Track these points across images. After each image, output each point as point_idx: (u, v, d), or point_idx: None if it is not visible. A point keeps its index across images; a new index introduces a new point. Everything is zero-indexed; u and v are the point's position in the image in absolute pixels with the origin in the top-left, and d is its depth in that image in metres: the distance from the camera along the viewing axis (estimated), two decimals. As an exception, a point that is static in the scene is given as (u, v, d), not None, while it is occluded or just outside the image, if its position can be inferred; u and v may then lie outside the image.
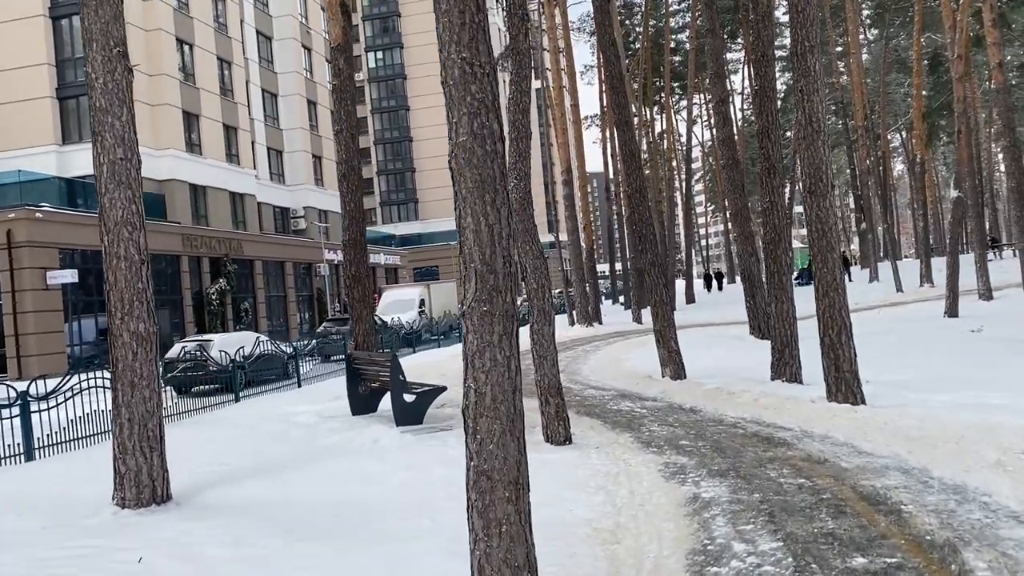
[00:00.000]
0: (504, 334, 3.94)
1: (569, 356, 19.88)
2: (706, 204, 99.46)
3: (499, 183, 3.93)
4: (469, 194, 3.92)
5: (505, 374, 3.94)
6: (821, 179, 10.28)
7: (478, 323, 3.91)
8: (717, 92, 22.92)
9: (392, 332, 29.97)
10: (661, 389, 12.40)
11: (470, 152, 3.91)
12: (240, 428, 11.18)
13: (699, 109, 70.78)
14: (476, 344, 3.92)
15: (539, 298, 8.65)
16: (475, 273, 3.91)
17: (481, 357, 3.91)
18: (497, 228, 3.93)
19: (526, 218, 8.56)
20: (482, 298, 3.89)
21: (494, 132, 3.93)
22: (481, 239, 3.91)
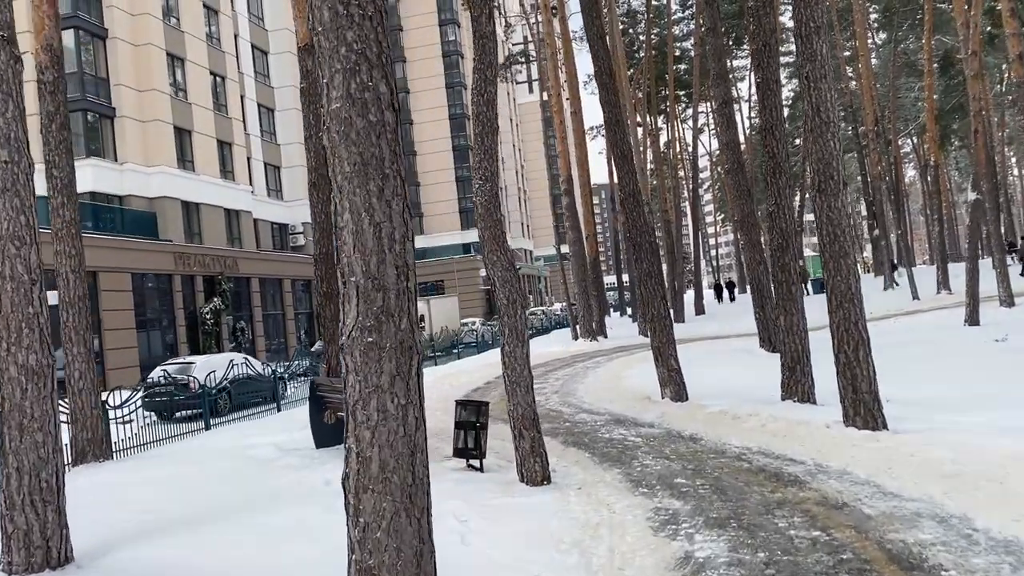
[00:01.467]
0: (398, 374, 2.85)
1: (567, 374, 18.74)
2: (715, 213, 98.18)
3: (390, 166, 2.85)
4: (346, 181, 2.84)
5: (399, 430, 2.85)
6: (832, 176, 9.14)
7: (361, 360, 2.83)
8: (720, 93, 21.80)
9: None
10: (659, 413, 11.23)
11: (346, 124, 2.84)
12: (190, 464, 10.10)
13: (705, 117, 69.84)
14: (359, 389, 2.83)
15: (510, 315, 7.53)
16: (356, 291, 2.83)
17: (365, 407, 2.82)
18: (387, 228, 2.85)
19: (493, 224, 7.46)
20: (366, 325, 2.81)
21: (381, 96, 2.85)
22: (364, 243, 2.82)
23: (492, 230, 7.44)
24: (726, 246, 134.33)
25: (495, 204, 7.45)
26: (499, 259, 7.47)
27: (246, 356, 19.53)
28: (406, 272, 2.91)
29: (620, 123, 12.36)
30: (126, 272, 31.64)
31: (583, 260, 31.52)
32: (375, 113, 2.86)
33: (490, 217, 7.43)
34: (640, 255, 12.26)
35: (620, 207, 12.36)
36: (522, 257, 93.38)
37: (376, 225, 2.85)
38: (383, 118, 2.88)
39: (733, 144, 21.77)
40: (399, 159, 2.93)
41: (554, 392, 15.17)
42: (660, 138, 55.01)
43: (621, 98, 31.53)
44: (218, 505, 7.73)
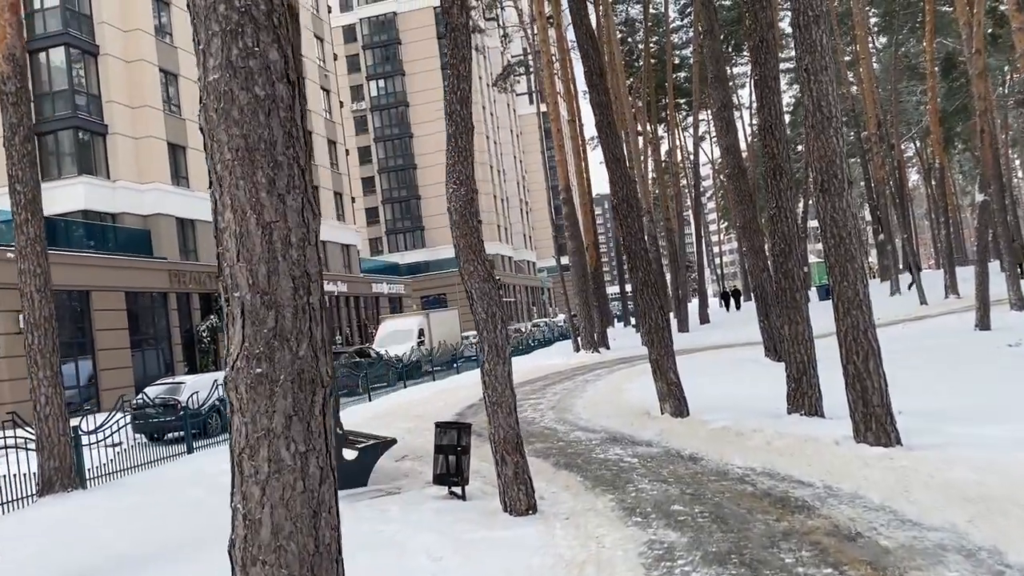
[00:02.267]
0: (295, 414, 2.26)
1: (566, 388, 18.11)
2: (719, 221, 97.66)
3: (284, 151, 2.28)
4: (227, 171, 2.27)
5: (297, 485, 2.27)
6: (835, 175, 8.54)
7: (248, 396, 2.24)
8: (719, 97, 21.25)
9: (383, 365, 28.29)
10: (658, 430, 10.60)
11: (226, 99, 2.27)
12: (161, 493, 9.51)
13: (706, 125, 69.37)
14: (246, 433, 2.25)
15: (489, 330, 6.94)
16: (241, 309, 2.23)
17: (254, 457, 2.24)
18: (279, 229, 2.27)
19: (469, 232, 6.88)
20: (254, 352, 2.23)
21: (271, 65, 2.29)
22: (249, 248, 2.24)
23: (468, 238, 6.86)
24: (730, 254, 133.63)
25: (471, 210, 6.88)
26: (476, 270, 6.88)
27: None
28: (306, 284, 2.33)
29: (612, 126, 11.79)
30: (120, 291, 31.13)
31: (583, 270, 30.91)
32: (263, 86, 2.30)
33: (465, 224, 6.85)
34: (636, 263, 11.66)
35: (613, 213, 11.77)
36: (525, 269, 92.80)
37: (265, 226, 2.28)
38: (274, 92, 2.31)
39: (733, 148, 21.21)
40: (298, 143, 2.36)
41: (550, 408, 14.55)
42: (661, 146, 54.61)
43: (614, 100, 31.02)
44: (177, 541, 7.13)
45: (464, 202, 6.85)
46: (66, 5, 32.51)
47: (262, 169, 2.27)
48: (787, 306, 11.10)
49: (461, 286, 34.39)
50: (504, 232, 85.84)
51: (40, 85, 32.45)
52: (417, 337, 35.28)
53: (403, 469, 9.84)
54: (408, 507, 7.53)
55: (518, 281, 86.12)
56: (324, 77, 52.36)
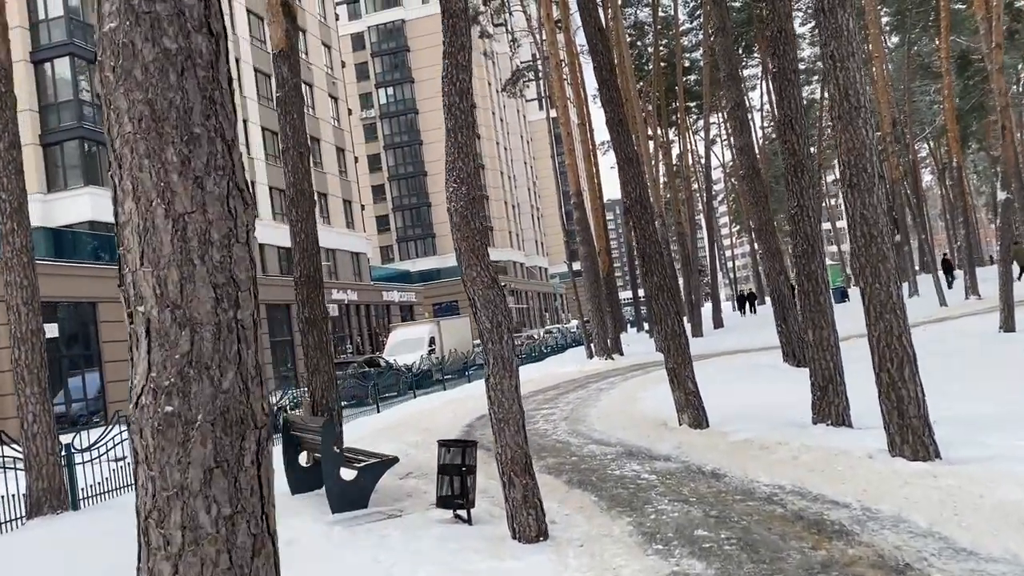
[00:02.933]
0: (218, 465, 1.73)
1: (579, 397, 17.51)
2: (731, 225, 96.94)
3: (204, 123, 1.76)
4: (128, 148, 1.75)
5: (220, 560, 1.72)
6: (865, 168, 7.96)
7: (155, 443, 1.73)
8: (732, 96, 20.69)
9: (393, 374, 27.78)
10: (677, 443, 10.00)
11: (127, 54, 1.75)
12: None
13: (717, 128, 68.70)
14: (153, 491, 1.71)
15: (494, 341, 6.39)
16: (147, 328, 1.69)
17: (163, 523, 1.72)
18: (197, 223, 1.76)
19: (471, 234, 6.34)
20: (162, 384, 1.70)
21: (185, 11, 1.75)
22: (157, 248, 1.71)
23: (470, 241, 6.32)
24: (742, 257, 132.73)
25: (473, 211, 6.33)
26: (479, 275, 6.33)
27: None
28: (232, 294, 1.80)
29: (623, 124, 11.23)
30: (126, 302, 30.77)
31: (595, 276, 30.32)
32: (175, 37, 1.77)
33: (467, 226, 6.31)
34: (650, 268, 11.09)
35: (626, 215, 11.21)
36: (537, 275, 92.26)
37: (177, 219, 1.75)
38: (189, 45, 1.79)
39: (747, 148, 20.64)
40: (222, 112, 1.84)
41: (563, 419, 13.96)
42: (672, 150, 54.02)
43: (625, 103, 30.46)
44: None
45: (465, 202, 6.32)
46: (71, 15, 32.30)
47: (173, 145, 1.74)
48: (811, 310, 10.49)
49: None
50: (516, 238, 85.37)
51: (45, 96, 32.25)
52: (428, 346, 34.77)
53: (407, 488, 9.29)
54: (410, 533, 6.98)
55: (530, 287, 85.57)
56: (332, 84, 52.07)
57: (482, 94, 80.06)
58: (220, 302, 1.76)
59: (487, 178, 77.80)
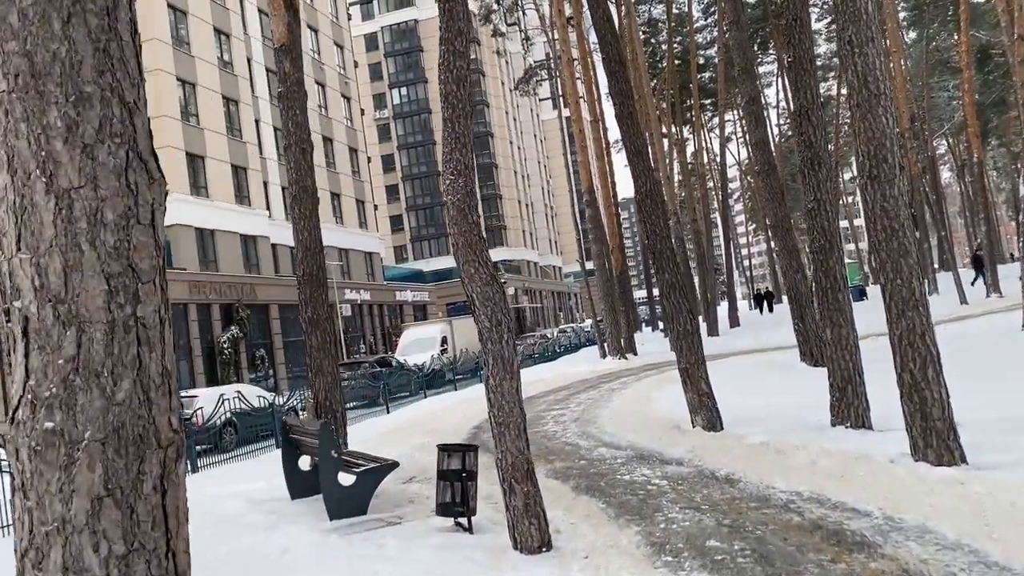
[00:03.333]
0: (109, 494, 1.41)
1: (591, 398, 17.17)
2: (747, 223, 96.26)
3: (97, 81, 1.43)
4: (3, 108, 1.42)
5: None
6: (885, 159, 7.59)
7: (32, 467, 1.40)
8: (747, 90, 20.26)
9: (404, 374, 27.52)
10: (690, 446, 9.65)
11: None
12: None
13: (732, 126, 68.11)
14: (29, 524, 1.39)
15: (494, 341, 6.07)
16: (24, 326, 1.38)
17: (42, 564, 1.39)
18: (87, 201, 1.45)
19: (468, 228, 6.03)
20: (42, 396, 1.38)
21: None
22: (36, 230, 1.38)
23: (468, 236, 6.01)
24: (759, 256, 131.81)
25: (470, 204, 6.02)
26: (478, 272, 6.02)
27: (239, 390, 18.22)
28: (131, 288, 1.49)
29: (633, 116, 10.89)
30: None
31: (608, 274, 29.95)
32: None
33: (464, 220, 6.00)
34: (662, 264, 10.74)
35: (637, 210, 10.87)
36: (551, 274, 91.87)
37: (62, 195, 1.44)
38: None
39: (763, 143, 20.21)
40: (121, 68, 1.52)
41: (573, 420, 13.63)
42: (687, 148, 53.54)
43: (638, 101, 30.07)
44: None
45: (463, 194, 6.00)
46: (81, 16, 32.25)
47: (57, 106, 1.43)
48: (829, 307, 10.11)
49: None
50: (529, 237, 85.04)
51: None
52: (440, 345, 34.52)
53: (409, 493, 8.99)
54: (408, 542, 6.68)
55: (544, 287, 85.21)
56: (345, 84, 51.93)
57: (495, 93, 79.82)
58: (114, 295, 1.45)
59: (500, 177, 77.53)
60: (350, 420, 19.66)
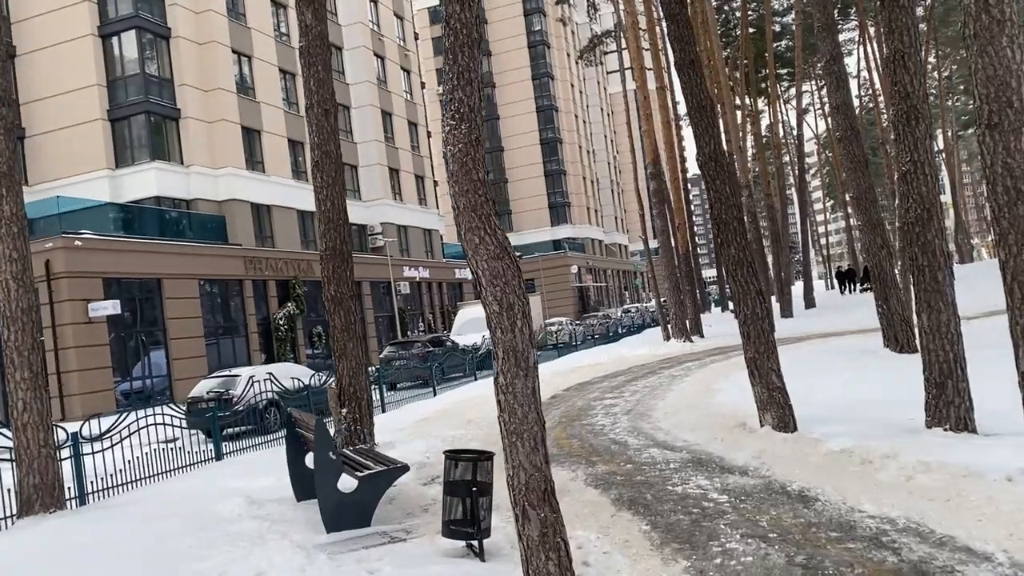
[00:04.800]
0: None
1: (648, 385, 15.77)
2: (824, 200, 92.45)
3: None
4: None
5: None
6: (1010, 102, 6.03)
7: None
8: (827, 48, 18.38)
9: (457, 355, 26.49)
10: (757, 450, 8.24)
11: None
12: (138, 521, 7.84)
13: (810, 97, 64.91)
14: None
15: (504, 329, 4.82)
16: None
17: None
18: None
19: (472, 187, 4.77)
20: None
21: None
22: None
23: (471, 196, 4.75)
24: (836, 233, 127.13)
25: (474, 157, 4.75)
26: (483, 241, 4.77)
27: (270, 371, 17.41)
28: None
29: (695, 65, 9.42)
30: (193, 279, 30.42)
31: (672, 252, 28.31)
32: None
33: (467, 177, 4.74)
34: (728, 236, 9.29)
35: (701, 174, 9.42)
36: (616, 252, 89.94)
37: None
38: None
39: (845, 107, 18.32)
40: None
41: (625, 412, 12.28)
42: (761, 121, 51.06)
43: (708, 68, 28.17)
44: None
45: (465, 144, 4.74)
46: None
47: None
48: (926, 289, 8.53)
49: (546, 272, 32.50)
50: (595, 215, 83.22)
51: (112, 70, 31.99)
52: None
53: (428, 498, 7.82)
54: (405, 570, 5.51)
55: (609, 265, 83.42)
56: (404, 57, 50.95)
57: (560, 65, 77.92)
58: None
59: (565, 152, 75.79)
60: (400, 402, 18.74)
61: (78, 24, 31.40)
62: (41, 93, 31.87)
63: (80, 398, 25.21)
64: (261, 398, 16.46)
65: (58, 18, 31.58)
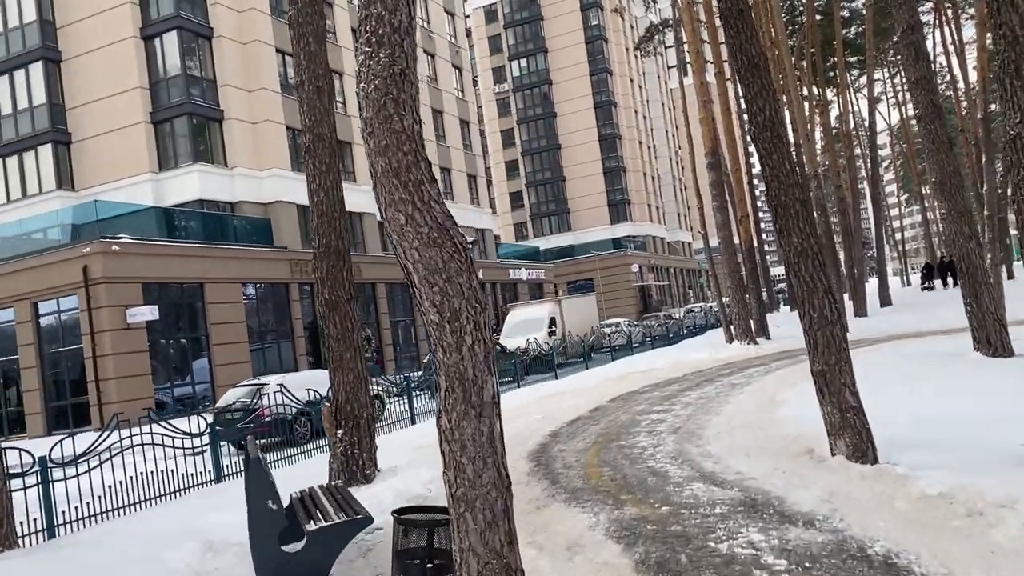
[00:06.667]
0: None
1: (702, 397, 14.02)
2: (898, 193, 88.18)
3: None
4: None
5: None
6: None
7: None
8: (903, 17, 16.33)
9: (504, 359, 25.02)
10: (827, 490, 6.53)
11: None
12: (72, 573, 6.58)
13: (882, 85, 61.55)
14: None
15: (448, 346, 3.33)
16: None
17: None
18: None
19: (397, 141, 3.26)
20: None
21: None
22: None
23: (392, 154, 3.25)
24: (911, 228, 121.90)
25: (398, 99, 3.25)
26: (413, 221, 3.27)
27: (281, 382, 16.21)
28: None
29: (745, 15, 7.75)
30: (236, 283, 29.66)
31: (733, 247, 26.35)
32: None
33: (387, 127, 3.23)
34: (788, 223, 7.60)
35: (755, 147, 7.73)
36: (679, 250, 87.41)
37: None
38: None
39: (924, 81, 16.24)
40: None
41: (672, 431, 10.59)
42: (830, 112, 48.39)
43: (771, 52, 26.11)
44: None
45: (385, 79, 3.26)
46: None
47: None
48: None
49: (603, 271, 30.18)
50: (656, 212, 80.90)
51: (155, 72, 31.52)
52: (548, 327, 31.81)
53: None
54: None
55: (672, 263, 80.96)
56: (456, 54, 49.80)
57: (619, 60, 75.94)
58: None
59: (624, 148, 73.75)
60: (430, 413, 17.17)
61: (121, 26, 31.02)
62: (86, 98, 31.62)
63: (118, 406, 24.55)
64: (290, 408, 15.31)
65: (101, 21, 31.27)
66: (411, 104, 3.36)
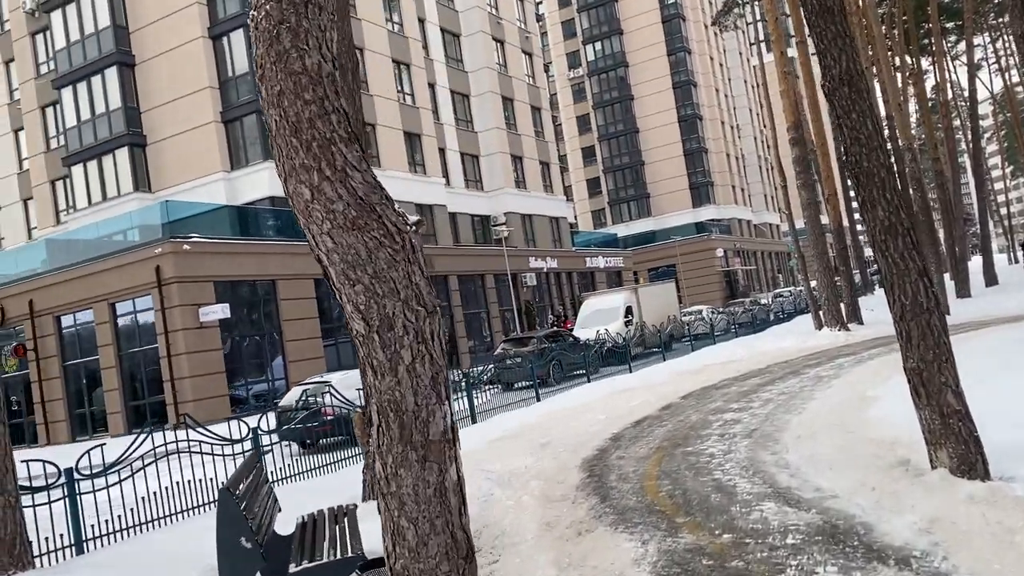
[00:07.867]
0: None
1: (784, 393, 12.72)
2: (1003, 165, 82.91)
3: None
4: None
5: None
6: None
7: None
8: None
9: (577, 350, 24.03)
10: (927, 516, 5.36)
11: None
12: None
13: (983, 51, 57.62)
14: None
15: (379, 364, 2.44)
16: None
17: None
18: None
19: (293, 88, 2.41)
20: None
21: None
22: None
23: (292, 104, 2.37)
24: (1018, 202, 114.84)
25: (297, 30, 2.37)
26: (322, 195, 2.36)
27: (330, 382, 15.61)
28: None
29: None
30: (308, 279, 29.50)
31: (819, 228, 24.63)
32: None
33: (284, 68, 2.25)
34: (870, 194, 6.41)
35: (828, 104, 6.55)
36: (767, 232, 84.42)
37: None
38: None
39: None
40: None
41: (746, 435, 9.44)
42: (926, 82, 45.41)
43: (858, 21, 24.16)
44: None
45: (280, 3, 2.40)
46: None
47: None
48: None
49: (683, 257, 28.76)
50: (741, 193, 78.19)
51: (224, 71, 31.64)
52: (624, 316, 30.57)
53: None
54: None
55: (759, 246, 78.14)
56: (525, 39, 48.82)
57: (698, 38, 73.50)
58: None
59: (705, 129, 71.40)
60: (498, 410, 16.26)
61: (190, 27, 31.23)
62: (159, 100, 32.01)
63: (194, 405, 24.66)
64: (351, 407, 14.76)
65: (171, 23, 31.56)
66: (318, 37, 2.49)
